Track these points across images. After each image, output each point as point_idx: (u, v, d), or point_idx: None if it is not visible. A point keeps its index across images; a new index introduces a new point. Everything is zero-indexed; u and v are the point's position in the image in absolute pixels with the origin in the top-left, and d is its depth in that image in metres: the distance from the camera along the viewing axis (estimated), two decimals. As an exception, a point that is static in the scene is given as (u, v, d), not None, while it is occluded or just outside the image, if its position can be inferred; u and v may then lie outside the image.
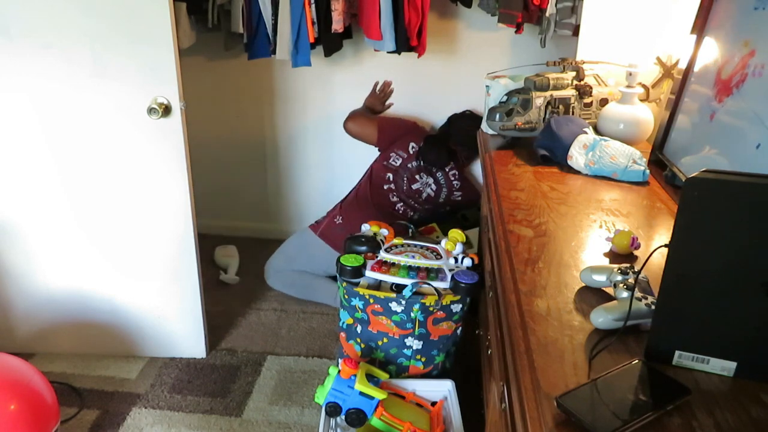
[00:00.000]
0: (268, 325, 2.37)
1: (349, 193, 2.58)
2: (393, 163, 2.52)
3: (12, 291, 2.06)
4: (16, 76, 1.77)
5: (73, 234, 1.97)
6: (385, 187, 2.53)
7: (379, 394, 1.49)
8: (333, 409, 1.51)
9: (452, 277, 1.62)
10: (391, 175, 2.52)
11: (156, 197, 1.91)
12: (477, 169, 2.74)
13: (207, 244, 2.25)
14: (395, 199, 2.53)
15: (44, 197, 1.92)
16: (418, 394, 1.64)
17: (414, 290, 1.58)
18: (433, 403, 1.63)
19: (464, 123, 2.55)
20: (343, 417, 1.52)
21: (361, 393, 1.49)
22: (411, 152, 2.52)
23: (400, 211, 2.53)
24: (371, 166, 2.58)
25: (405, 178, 2.52)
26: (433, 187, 2.53)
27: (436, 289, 1.60)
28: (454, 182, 2.54)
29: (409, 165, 2.51)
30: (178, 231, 1.96)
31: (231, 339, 2.28)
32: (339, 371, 1.53)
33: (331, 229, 2.44)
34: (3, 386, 1.53)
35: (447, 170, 2.52)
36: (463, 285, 1.60)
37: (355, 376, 1.51)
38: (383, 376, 1.60)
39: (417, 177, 2.52)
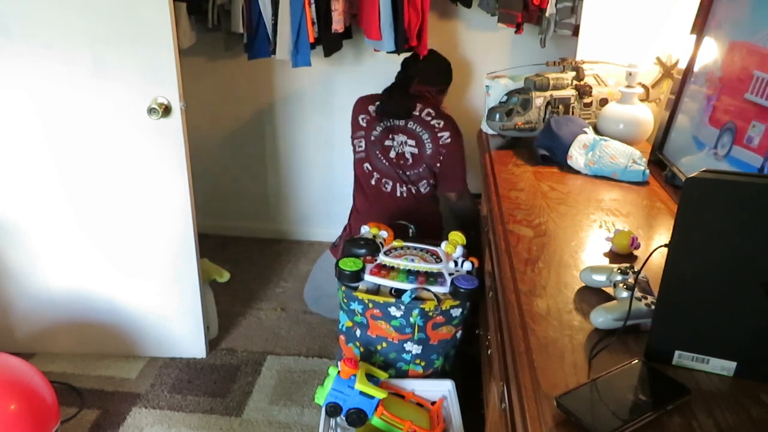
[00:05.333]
0: (268, 325, 2.37)
1: (351, 209, 2.38)
2: (360, 149, 2.25)
3: (12, 291, 2.06)
4: (16, 77, 1.77)
5: (74, 234, 1.97)
6: (373, 181, 2.24)
7: (379, 394, 1.49)
8: (333, 410, 1.51)
9: (452, 282, 1.61)
10: (368, 165, 2.23)
11: (156, 197, 1.91)
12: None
13: (207, 244, 2.25)
14: (389, 185, 2.22)
15: (45, 197, 1.92)
16: (417, 394, 1.64)
17: (413, 296, 1.58)
18: (433, 403, 1.63)
19: (425, 63, 2.29)
20: (343, 417, 1.52)
21: (361, 393, 1.49)
22: (364, 123, 2.23)
23: (404, 194, 2.22)
24: (354, 174, 2.34)
25: (377, 154, 2.21)
26: (411, 142, 2.18)
27: (435, 294, 1.59)
28: (433, 122, 2.14)
29: (372, 137, 2.21)
30: (178, 231, 1.96)
31: (231, 339, 2.28)
32: (339, 371, 1.53)
33: None
34: (3, 386, 1.53)
35: (418, 114, 2.16)
36: (462, 290, 1.58)
37: (354, 376, 1.51)
38: (383, 375, 1.59)
39: (387, 143, 2.20)
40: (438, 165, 2.18)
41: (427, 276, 1.64)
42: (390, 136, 2.20)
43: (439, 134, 2.15)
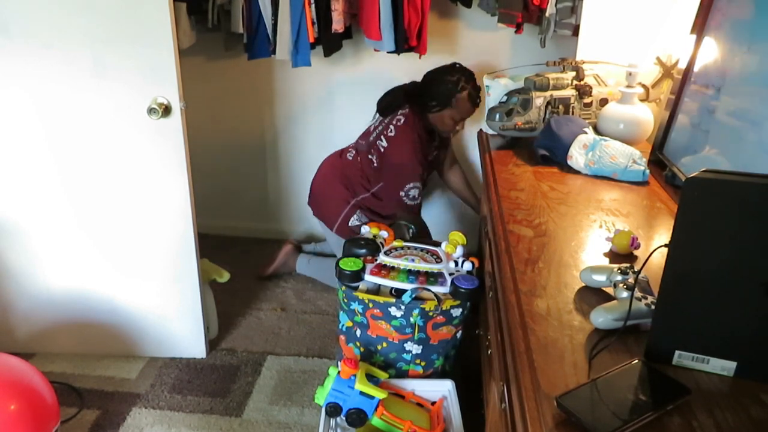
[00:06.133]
0: (268, 325, 2.37)
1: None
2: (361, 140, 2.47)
3: (12, 291, 2.05)
4: (16, 77, 1.77)
5: (74, 234, 1.97)
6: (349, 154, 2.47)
7: (379, 394, 1.49)
8: (333, 410, 1.51)
9: (452, 281, 1.61)
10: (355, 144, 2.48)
11: (156, 197, 1.91)
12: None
13: (207, 244, 2.24)
14: (348, 148, 2.48)
15: (45, 197, 1.92)
16: (417, 394, 1.64)
17: (414, 296, 1.58)
18: (433, 403, 1.63)
19: (439, 75, 2.33)
20: (343, 417, 1.52)
21: (361, 393, 1.49)
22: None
23: (350, 158, 2.43)
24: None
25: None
26: (376, 123, 2.40)
27: (435, 294, 1.59)
28: (391, 127, 2.32)
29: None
30: (178, 231, 1.96)
31: (231, 339, 2.28)
32: (339, 371, 1.53)
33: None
34: (3, 386, 1.53)
35: (396, 115, 2.33)
36: (462, 290, 1.58)
37: (355, 376, 1.51)
38: (383, 375, 1.60)
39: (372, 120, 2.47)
40: (369, 156, 2.37)
41: (427, 276, 1.64)
42: (375, 115, 2.45)
43: (381, 137, 2.35)
